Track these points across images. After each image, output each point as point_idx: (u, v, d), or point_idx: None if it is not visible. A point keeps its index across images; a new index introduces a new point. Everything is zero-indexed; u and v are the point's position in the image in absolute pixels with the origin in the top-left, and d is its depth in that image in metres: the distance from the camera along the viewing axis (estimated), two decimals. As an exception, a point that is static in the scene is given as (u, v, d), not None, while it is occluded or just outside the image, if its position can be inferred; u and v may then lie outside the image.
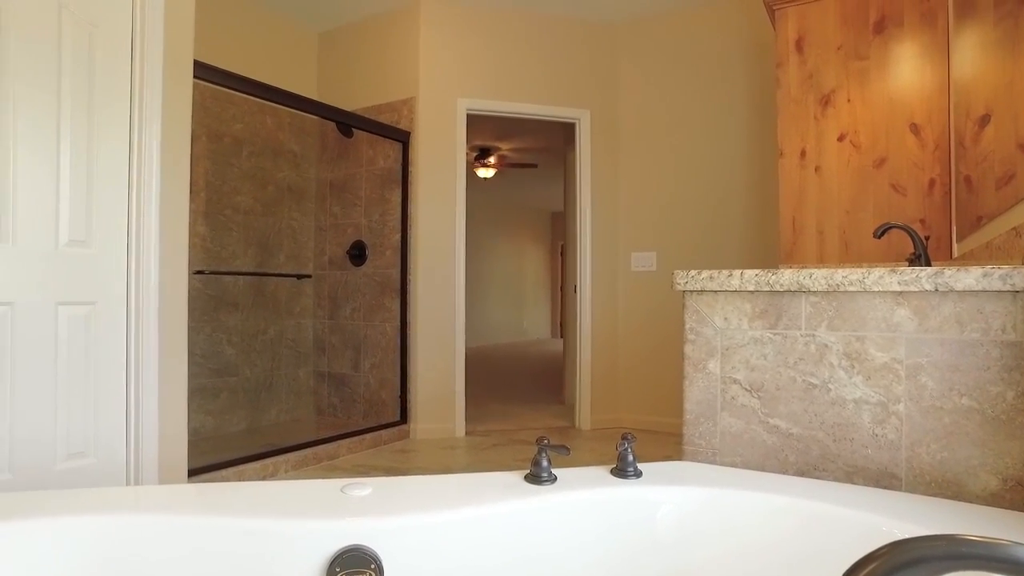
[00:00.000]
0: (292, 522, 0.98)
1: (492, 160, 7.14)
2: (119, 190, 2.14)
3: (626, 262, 4.25)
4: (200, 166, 3.57)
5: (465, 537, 1.02)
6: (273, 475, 2.94)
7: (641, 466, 1.24)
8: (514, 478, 1.19)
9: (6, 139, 1.85)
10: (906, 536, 0.77)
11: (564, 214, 5.04)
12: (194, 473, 2.58)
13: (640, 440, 3.81)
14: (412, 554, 0.99)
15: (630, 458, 1.20)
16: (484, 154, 7.15)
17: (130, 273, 2.16)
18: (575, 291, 4.34)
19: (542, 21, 4.12)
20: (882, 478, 1.16)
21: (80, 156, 2.03)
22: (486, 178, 7.47)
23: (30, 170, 1.90)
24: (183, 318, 2.33)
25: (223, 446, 3.37)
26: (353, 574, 0.95)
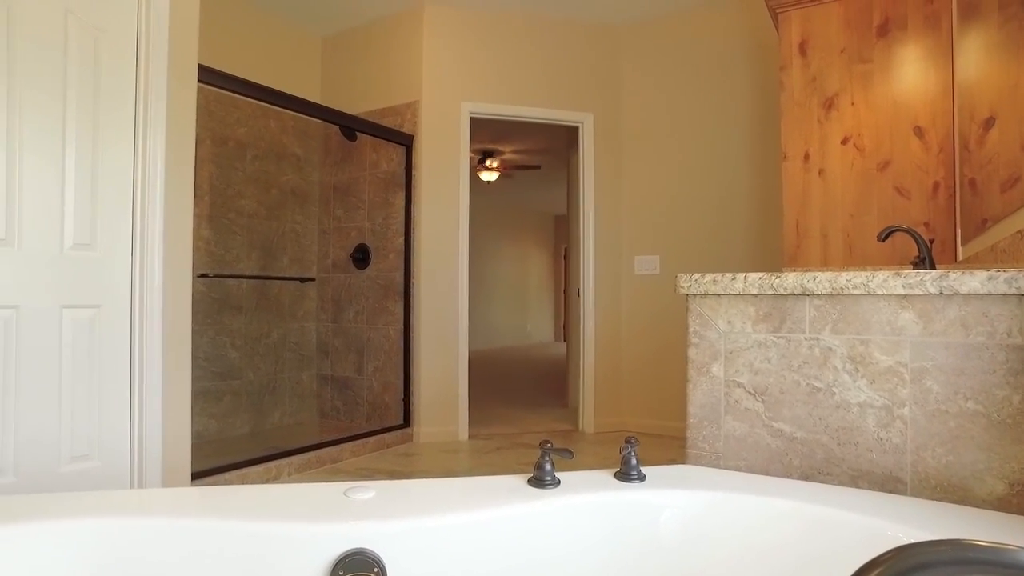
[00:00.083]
0: (295, 525, 0.98)
1: (495, 164, 7.14)
2: (123, 193, 2.15)
3: (629, 265, 4.25)
4: (204, 170, 3.58)
5: (468, 541, 1.02)
6: (276, 478, 2.94)
7: (645, 470, 1.24)
8: (517, 482, 1.19)
9: (12, 143, 1.86)
10: (911, 541, 0.76)
11: (567, 217, 5.04)
12: (197, 476, 2.58)
13: (644, 444, 3.80)
14: (415, 558, 0.99)
15: (633, 462, 1.20)
16: (487, 156, 7.16)
17: (134, 276, 2.17)
18: (578, 294, 4.34)
19: (545, 24, 4.12)
20: (887, 482, 1.16)
21: (85, 159, 2.04)
22: (489, 181, 7.48)
23: (36, 173, 1.91)
24: (187, 321, 2.34)
25: (226, 449, 3.37)
26: (356, 578, 0.95)
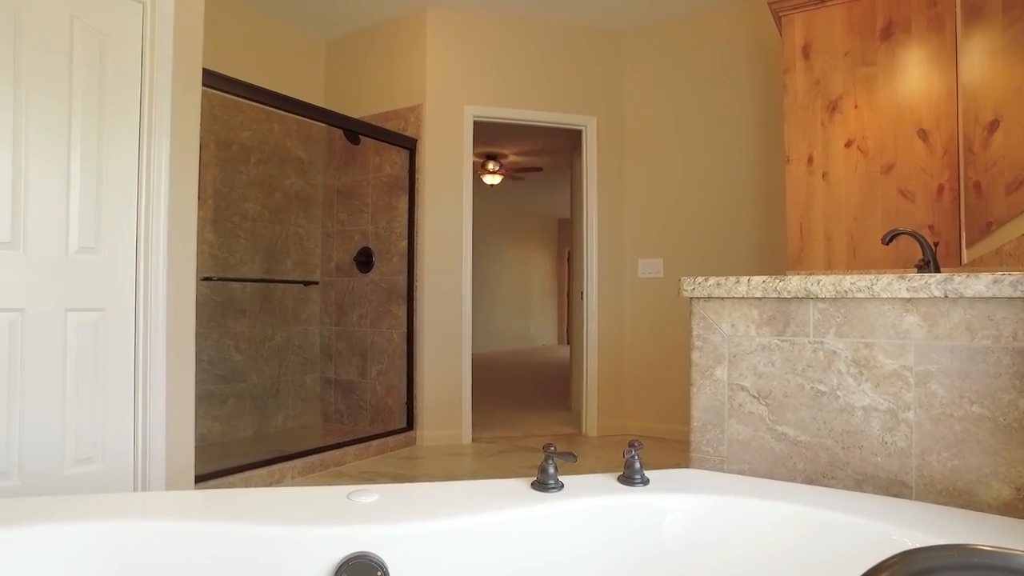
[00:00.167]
0: (299, 529, 0.98)
1: (497, 167, 7.16)
2: (128, 197, 2.16)
3: (633, 268, 4.24)
4: (208, 173, 3.60)
5: (471, 544, 1.02)
6: (280, 481, 2.94)
7: (648, 473, 1.24)
8: (521, 485, 1.18)
9: (18, 146, 1.87)
10: (917, 545, 0.76)
11: (571, 220, 5.04)
12: (201, 479, 2.58)
13: (647, 447, 3.79)
14: (418, 561, 0.99)
15: (637, 465, 1.20)
16: (490, 159, 7.17)
17: (138, 279, 2.18)
18: (582, 298, 4.33)
19: (547, 28, 4.13)
20: (892, 486, 1.15)
21: (90, 163, 2.05)
22: (492, 185, 7.49)
23: (41, 177, 1.92)
24: (191, 324, 2.34)
25: (230, 452, 3.37)
26: (359, 581, 0.94)
